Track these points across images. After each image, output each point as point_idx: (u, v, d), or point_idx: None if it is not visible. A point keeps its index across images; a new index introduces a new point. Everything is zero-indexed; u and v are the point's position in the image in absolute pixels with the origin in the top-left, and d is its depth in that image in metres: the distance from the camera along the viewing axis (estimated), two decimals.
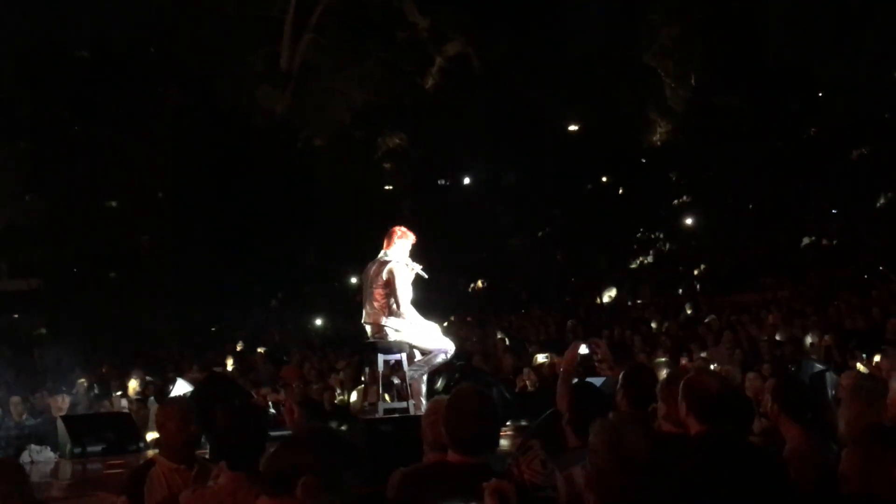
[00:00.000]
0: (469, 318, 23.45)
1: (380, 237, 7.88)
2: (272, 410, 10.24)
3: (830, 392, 8.52)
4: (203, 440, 6.47)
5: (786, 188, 27.68)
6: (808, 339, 13.73)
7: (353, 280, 27.02)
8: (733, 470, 3.72)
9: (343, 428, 9.75)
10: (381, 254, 7.73)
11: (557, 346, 15.95)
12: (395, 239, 7.73)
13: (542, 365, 14.04)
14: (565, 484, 3.70)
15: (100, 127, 26.82)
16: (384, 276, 7.59)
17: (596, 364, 4.59)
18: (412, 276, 7.74)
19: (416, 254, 7.83)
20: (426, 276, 7.81)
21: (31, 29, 28.66)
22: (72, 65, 28.18)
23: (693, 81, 31.06)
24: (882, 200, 28.14)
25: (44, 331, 25.13)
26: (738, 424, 4.77)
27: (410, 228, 7.94)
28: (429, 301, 7.99)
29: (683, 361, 12.46)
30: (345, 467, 2.68)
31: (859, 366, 10.59)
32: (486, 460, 3.58)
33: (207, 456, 4.54)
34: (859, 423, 3.71)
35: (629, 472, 2.67)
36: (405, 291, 7.61)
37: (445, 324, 14.42)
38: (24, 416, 10.55)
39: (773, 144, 28.59)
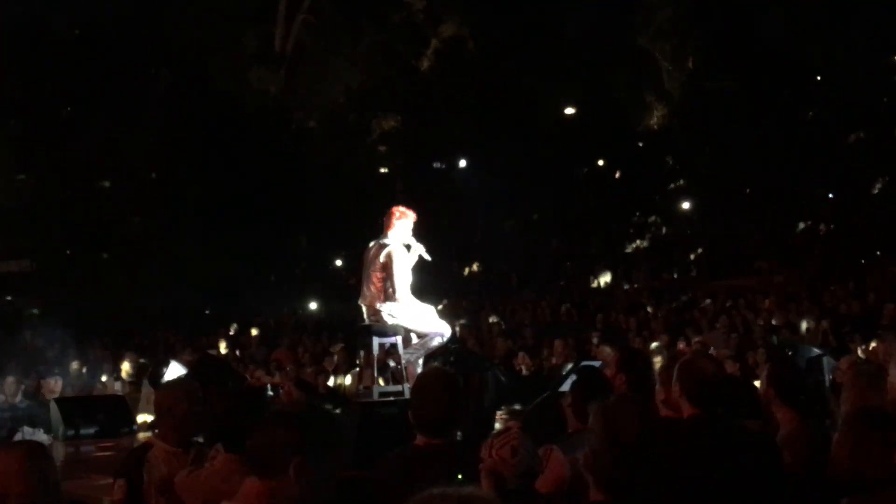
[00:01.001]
0: (463, 303, 23.48)
1: (373, 220, 7.85)
2: (270, 392, 10.25)
3: (828, 377, 8.56)
4: None
5: (782, 173, 27.72)
6: (804, 325, 13.79)
7: (340, 263, 27.05)
8: (724, 454, 3.74)
9: (337, 411, 9.78)
10: (382, 236, 7.70)
11: (552, 331, 16.01)
12: (394, 220, 7.69)
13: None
14: (566, 466, 3.72)
15: (90, 107, 26.75)
16: (382, 259, 7.56)
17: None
18: (414, 259, 7.71)
19: (413, 236, 7.80)
20: (429, 259, 7.79)
21: (19, 7, 28.49)
22: (62, 44, 28.08)
23: (690, 65, 31.05)
24: (878, 186, 28.19)
25: (35, 311, 25.10)
26: (732, 409, 4.81)
27: (409, 207, 7.90)
28: (423, 284, 7.99)
29: (681, 346, 12.52)
30: (329, 447, 2.66)
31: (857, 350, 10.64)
32: (450, 442, 3.61)
33: (201, 439, 4.55)
34: (858, 403, 3.74)
35: (620, 452, 2.69)
36: (403, 275, 7.59)
37: (440, 307, 14.44)
38: (18, 398, 10.55)
39: (769, 128, 28.62)
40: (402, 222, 7.70)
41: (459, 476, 3.22)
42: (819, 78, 30.42)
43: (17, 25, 27.77)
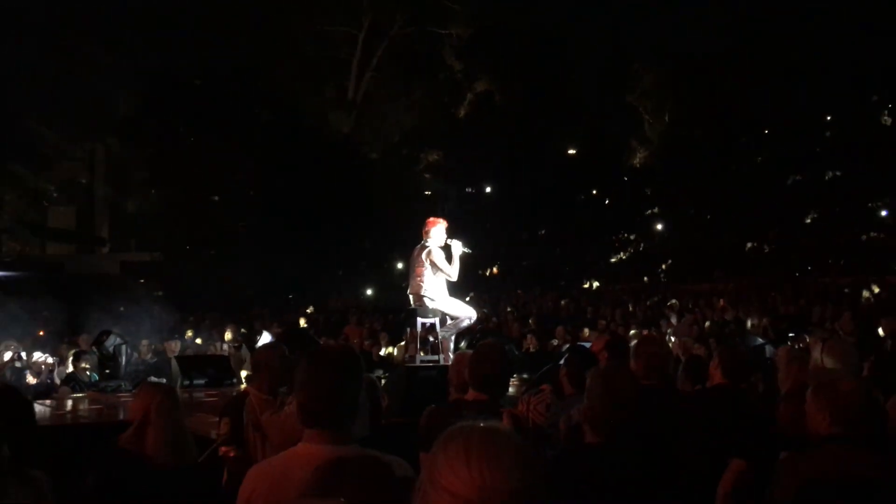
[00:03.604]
0: (485, 296, 23.41)
1: (420, 230, 7.80)
2: None
3: (768, 360, 8.46)
4: None
5: (736, 203, 27.46)
6: (750, 321, 13.61)
7: (399, 265, 27.06)
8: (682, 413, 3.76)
9: (387, 374, 9.79)
10: (423, 241, 7.69)
11: (554, 320, 15.92)
12: (430, 228, 7.67)
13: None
14: (566, 420, 3.71)
15: (208, 138, 27.00)
16: (425, 259, 7.53)
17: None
18: (458, 251, 7.62)
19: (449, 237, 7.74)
20: (469, 251, 7.72)
21: (154, 62, 28.99)
22: (186, 90, 28.39)
23: (667, 118, 30.86)
24: (811, 217, 27.90)
25: (160, 293, 25.28)
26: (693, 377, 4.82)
27: (443, 218, 7.89)
28: (456, 281, 7.93)
29: (644, 333, 12.42)
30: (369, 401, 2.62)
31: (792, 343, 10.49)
32: (497, 399, 3.57)
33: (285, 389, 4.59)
34: (794, 382, 3.71)
35: (613, 405, 2.69)
36: (445, 264, 7.54)
37: (467, 299, 14.50)
38: (150, 356, 10.67)
39: (727, 169, 28.37)
40: (437, 228, 7.67)
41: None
42: (767, 131, 30.10)
43: (153, 76, 28.23)
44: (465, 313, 7.82)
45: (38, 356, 9.52)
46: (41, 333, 13.33)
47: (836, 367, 3.76)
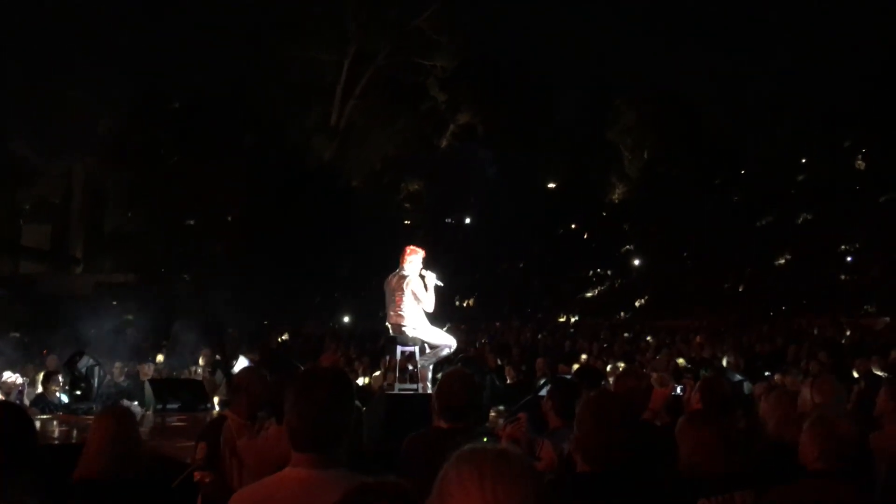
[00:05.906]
0: (462, 326, 23.28)
1: (398, 256, 7.69)
2: None
3: (748, 397, 8.46)
4: None
5: (712, 241, 27.73)
6: (725, 359, 13.60)
7: (376, 293, 26.87)
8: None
9: (365, 402, 9.64)
10: (399, 269, 7.60)
11: (533, 352, 15.84)
12: (408, 256, 7.58)
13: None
14: (554, 454, 3.64)
15: (190, 160, 26.87)
16: (405, 287, 7.43)
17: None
18: (432, 283, 7.58)
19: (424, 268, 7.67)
20: (441, 285, 7.67)
21: (137, 83, 28.98)
22: (169, 112, 28.32)
23: (646, 155, 31.24)
24: (783, 259, 28.26)
25: (130, 317, 24.84)
26: None
27: (419, 246, 7.82)
28: (433, 311, 7.85)
29: (622, 366, 12.39)
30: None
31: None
32: (472, 426, 3.48)
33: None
34: (782, 419, 3.68)
35: (607, 436, 2.63)
36: (424, 292, 7.48)
37: (444, 329, 14.32)
38: (122, 379, 10.46)
39: (704, 208, 28.71)
40: (414, 257, 7.58)
41: (485, 439, 3.11)
42: (743, 172, 30.56)
43: (138, 95, 28.17)
44: (445, 342, 7.75)
45: (7, 376, 9.29)
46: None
47: (824, 404, 3.76)
